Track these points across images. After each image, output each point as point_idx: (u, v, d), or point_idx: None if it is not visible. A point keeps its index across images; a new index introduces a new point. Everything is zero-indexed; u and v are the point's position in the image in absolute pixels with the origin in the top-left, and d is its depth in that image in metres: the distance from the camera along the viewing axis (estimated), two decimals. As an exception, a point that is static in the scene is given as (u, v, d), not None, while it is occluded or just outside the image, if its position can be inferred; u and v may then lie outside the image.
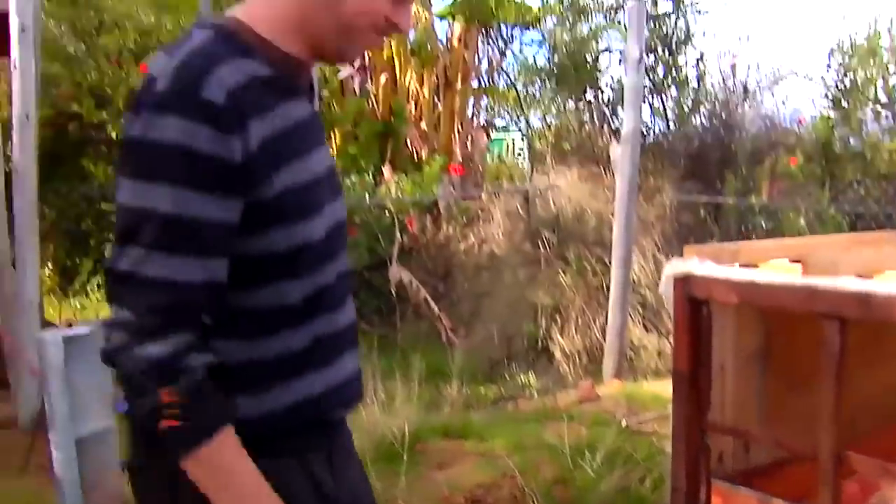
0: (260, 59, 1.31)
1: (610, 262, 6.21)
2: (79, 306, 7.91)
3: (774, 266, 2.05)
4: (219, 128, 1.20)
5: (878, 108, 8.16)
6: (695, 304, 2.01)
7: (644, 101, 7.24)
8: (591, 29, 8.95)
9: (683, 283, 2.02)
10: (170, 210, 1.20)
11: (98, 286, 8.09)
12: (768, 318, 2.15)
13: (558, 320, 6.74)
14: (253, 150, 1.24)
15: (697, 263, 2.03)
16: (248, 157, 1.24)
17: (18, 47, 4.11)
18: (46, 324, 5.69)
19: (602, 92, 9.10)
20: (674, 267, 2.08)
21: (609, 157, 7.21)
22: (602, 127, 8.74)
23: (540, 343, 6.69)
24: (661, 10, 8.92)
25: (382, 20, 1.36)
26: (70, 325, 4.93)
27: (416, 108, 10.09)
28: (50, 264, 8.51)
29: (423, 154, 9.42)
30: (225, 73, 1.23)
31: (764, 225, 7.43)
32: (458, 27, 10.23)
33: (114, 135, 8.30)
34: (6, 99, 6.80)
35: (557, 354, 6.60)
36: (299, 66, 1.40)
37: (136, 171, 1.23)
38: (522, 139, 11.51)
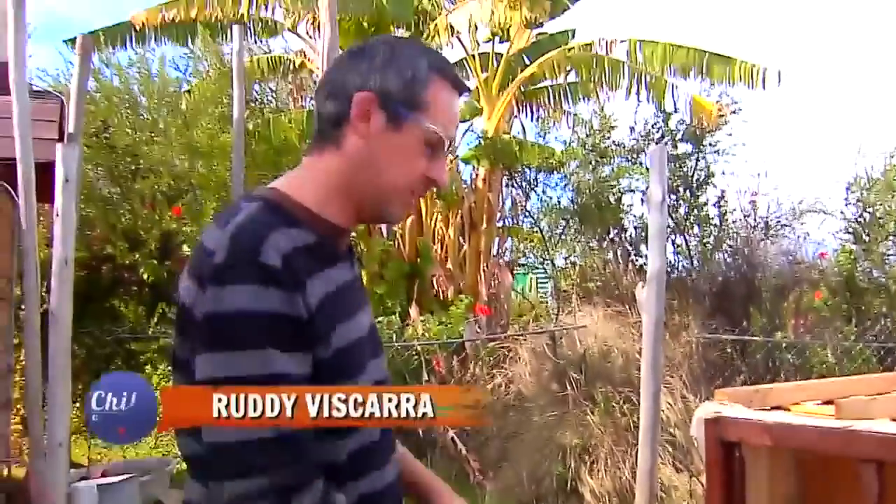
0: (305, 228, 1.37)
1: (638, 402, 6.15)
2: (105, 445, 7.87)
3: (806, 409, 2.06)
4: (284, 288, 1.26)
5: (900, 241, 8.22)
6: (727, 447, 2.01)
7: (667, 240, 7.32)
8: (612, 170, 9.13)
9: (715, 425, 2.02)
10: (260, 372, 1.24)
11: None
12: (803, 461, 2.14)
13: (587, 461, 6.64)
14: (313, 310, 1.29)
15: (728, 406, 2.04)
16: (310, 316, 1.29)
17: (62, 196, 4.27)
18: (73, 465, 5.68)
19: (625, 230, 9.20)
20: (705, 409, 2.09)
21: (634, 295, 7.25)
22: (626, 265, 8.80)
23: (569, 484, 6.57)
24: (680, 151, 9.11)
25: (422, 179, 1.44)
26: (104, 473, 4.91)
27: (441, 248, 10.24)
28: (78, 403, 8.52)
29: (450, 294, 9.50)
30: (277, 239, 1.29)
31: (792, 361, 7.37)
32: (482, 169, 10.48)
33: (145, 276, 8.45)
34: (45, 241, 6.98)
35: (587, 496, 6.47)
36: (342, 234, 1.47)
37: (215, 343, 1.26)
38: (548, 279, 11.59)
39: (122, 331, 8.19)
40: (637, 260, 8.92)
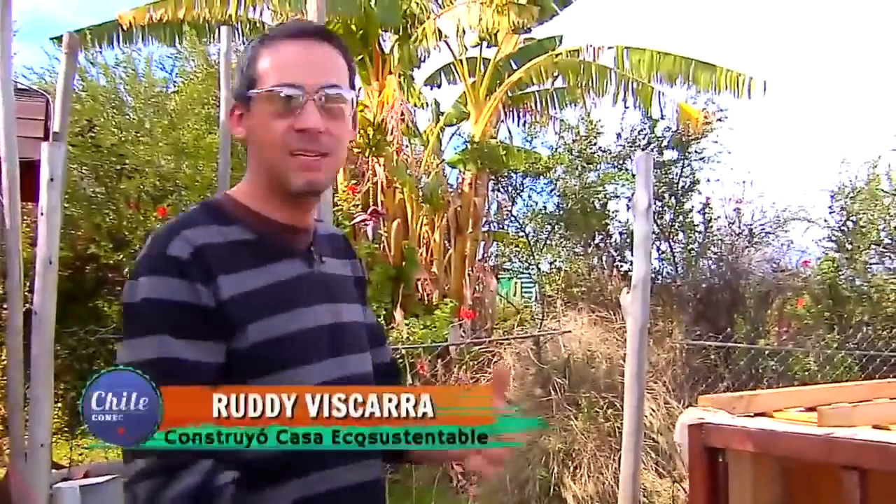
0: (242, 226, 1.45)
1: (621, 407, 6.16)
2: (87, 446, 7.82)
3: (790, 416, 2.07)
4: (185, 277, 1.32)
5: (882, 249, 8.28)
6: (711, 453, 2.02)
7: (652, 246, 7.34)
8: (598, 176, 9.15)
9: (699, 431, 2.03)
10: (155, 356, 1.29)
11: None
12: (786, 467, 2.15)
13: (570, 466, 6.64)
14: (224, 300, 1.34)
15: (712, 413, 2.05)
16: (220, 306, 1.34)
17: (47, 196, 4.24)
18: (55, 465, 5.63)
19: (610, 236, 9.23)
20: (689, 415, 2.09)
21: (619, 301, 7.26)
22: (611, 271, 8.82)
23: (552, 489, 6.58)
24: (666, 157, 9.14)
25: (291, 135, 1.45)
26: (87, 474, 4.87)
27: (427, 252, 10.22)
28: (60, 404, 8.46)
29: (434, 298, 9.49)
30: (192, 233, 1.38)
31: (774, 368, 7.41)
32: (468, 174, 10.48)
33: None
34: (28, 241, 6.93)
35: (570, 501, 6.47)
36: (290, 231, 1.51)
37: (125, 332, 1.35)
38: (532, 284, 11.60)
39: (105, 331, 8.12)
40: (622, 266, 8.95)
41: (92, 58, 10.32)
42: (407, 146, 10.97)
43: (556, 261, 9.84)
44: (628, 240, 8.59)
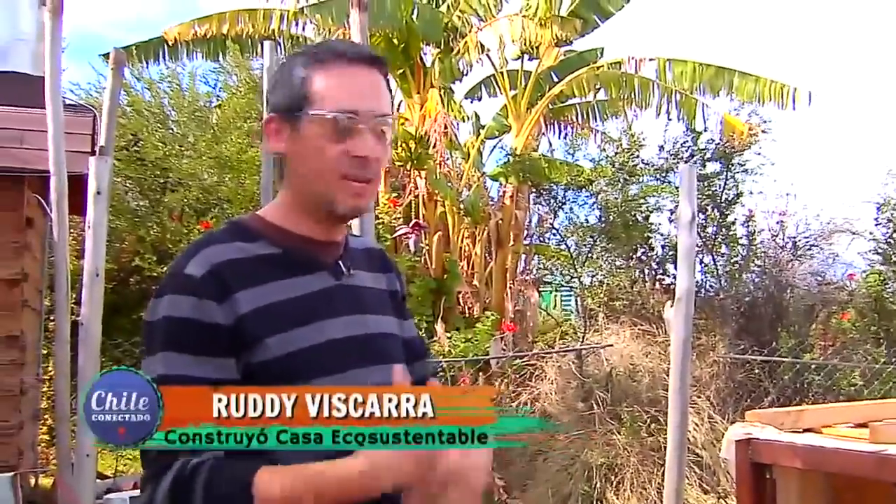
0: (266, 241, 1.48)
1: (664, 421, 6.10)
2: (131, 457, 7.89)
3: (839, 432, 2.03)
4: (197, 295, 1.35)
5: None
6: (758, 469, 1.99)
7: (695, 259, 7.28)
8: (641, 189, 9.10)
9: (746, 447, 2.01)
10: (162, 372, 1.31)
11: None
12: (835, 484, 2.11)
13: (613, 480, 6.59)
14: (243, 315, 1.37)
15: (759, 428, 2.02)
16: (237, 322, 1.36)
17: (93, 209, 4.30)
18: (100, 476, 5.69)
19: (652, 249, 9.17)
20: (736, 431, 2.07)
21: (661, 314, 7.20)
22: (654, 284, 8.77)
23: (594, 504, 6.54)
24: (709, 170, 9.08)
25: (346, 159, 1.46)
26: (136, 485, 4.92)
27: (468, 265, 10.21)
28: (104, 416, 8.53)
29: (476, 311, 9.47)
30: (212, 251, 1.41)
31: (820, 382, 7.30)
32: (510, 187, 10.46)
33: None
34: (76, 253, 7.03)
35: (612, 516, 6.43)
36: (315, 244, 1.52)
37: (143, 350, 1.38)
38: (575, 299, 11.55)
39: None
40: (664, 279, 8.89)
41: (137, 73, 10.49)
42: (448, 159, 10.98)
43: (597, 274, 9.80)
44: (671, 253, 8.53)
